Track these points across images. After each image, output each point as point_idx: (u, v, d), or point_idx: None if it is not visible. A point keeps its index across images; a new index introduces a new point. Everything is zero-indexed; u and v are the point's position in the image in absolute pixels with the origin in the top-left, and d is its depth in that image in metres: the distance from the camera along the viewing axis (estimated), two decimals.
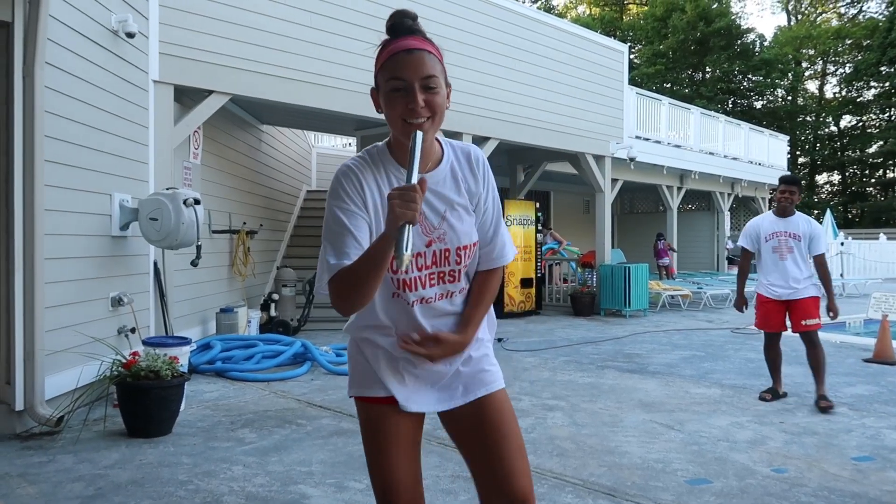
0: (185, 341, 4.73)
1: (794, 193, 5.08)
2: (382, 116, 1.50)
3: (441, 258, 1.58)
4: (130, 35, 5.22)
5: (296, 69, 6.91)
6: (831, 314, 5.03)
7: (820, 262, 5.13)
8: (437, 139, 1.59)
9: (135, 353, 4.26)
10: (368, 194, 1.52)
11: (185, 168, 6.69)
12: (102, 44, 4.96)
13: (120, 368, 4.12)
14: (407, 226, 1.25)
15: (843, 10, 37.89)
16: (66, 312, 4.47)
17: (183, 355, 4.58)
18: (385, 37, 1.50)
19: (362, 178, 1.53)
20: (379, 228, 1.50)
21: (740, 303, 5.48)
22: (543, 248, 12.46)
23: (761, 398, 5.14)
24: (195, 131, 6.81)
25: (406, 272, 1.55)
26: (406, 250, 1.23)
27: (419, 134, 1.36)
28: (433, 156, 1.58)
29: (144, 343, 4.60)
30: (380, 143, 1.60)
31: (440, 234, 1.57)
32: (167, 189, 5.27)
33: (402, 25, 1.49)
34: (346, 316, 1.58)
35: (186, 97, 6.44)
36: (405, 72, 1.42)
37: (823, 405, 4.81)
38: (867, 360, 6.73)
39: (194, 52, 6.15)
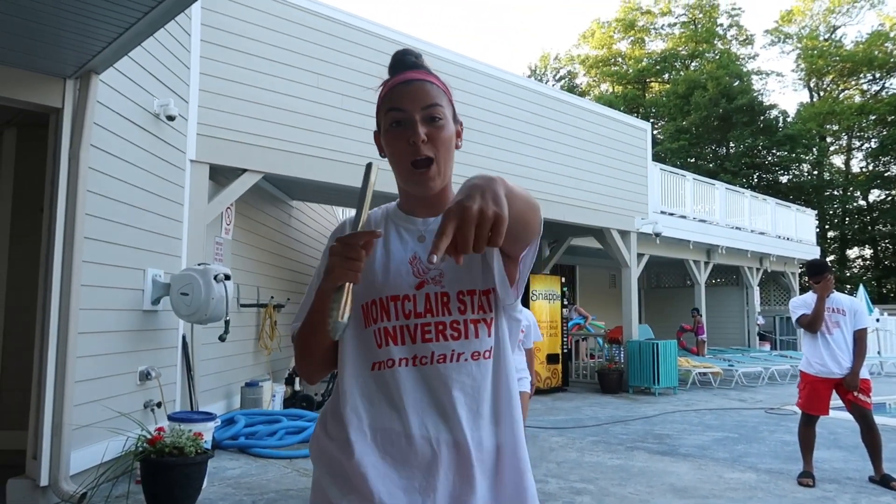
0: (210, 417, 4.73)
1: (829, 281, 5.08)
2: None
3: (437, 304, 1.25)
4: (171, 118, 5.47)
5: (325, 148, 7.15)
6: (850, 386, 4.92)
7: (860, 336, 5.06)
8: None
9: (160, 429, 4.27)
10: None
11: (216, 243, 6.85)
12: (144, 126, 5.21)
13: (145, 444, 4.12)
14: (346, 286, 1.09)
15: (865, 87, 38.25)
16: (95, 386, 4.51)
17: (207, 431, 4.57)
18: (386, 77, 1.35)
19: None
20: (369, 289, 1.28)
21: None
22: (570, 324, 12.35)
23: (803, 484, 4.95)
24: (227, 208, 7.01)
25: (389, 317, 1.24)
26: (342, 317, 1.07)
27: (374, 165, 1.19)
28: (444, 204, 1.31)
29: (170, 418, 4.61)
30: (391, 203, 1.41)
31: (436, 274, 1.26)
32: (199, 264, 5.39)
33: (403, 63, 1.33)
34: (312, 384, 1.42)
35: (221, 175, 6.67)
36: (404, 101, 1.25)
37: (895, 485, 4.83)
38: None
39: (229, 133, 6.41)
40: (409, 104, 1.24)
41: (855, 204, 36.65)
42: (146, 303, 5.18)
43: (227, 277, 5.24)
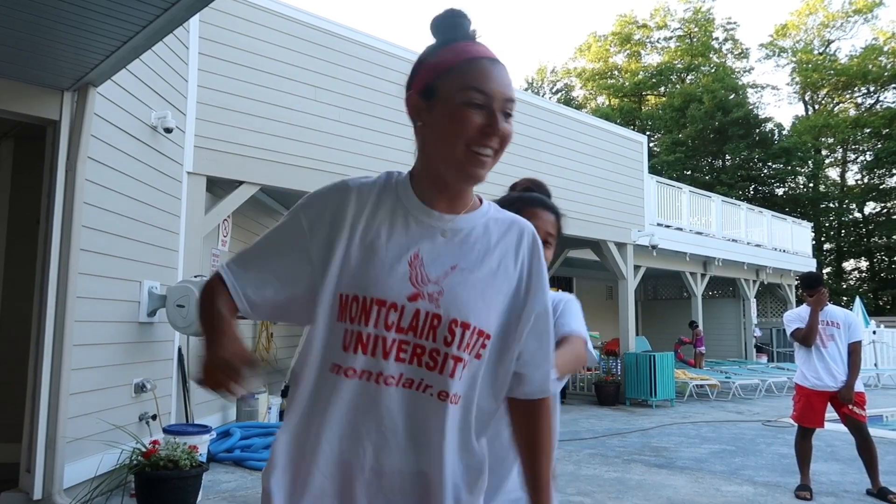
0: (205, 430, 4.71)
1: (822, 294, 5.09)
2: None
3: (424, 326, 1.10)
4: (168, 130, 5.49)
5: (323, 160, 7.17)
6: (845, 399, 4.91)
7: (854, 350, 5.06)
8: (477, 195, 1.24)
9: (155, 442, 4.25)
10: (352, 234, 1.14)
11: (213, 255, 6.85)
12: (141, 138, 5.22)
13: (139, 457, 4.10)
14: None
15: (860, 101, 38.51)
16: (90, 399, 4.49)
17: (202, 444, 4.56)
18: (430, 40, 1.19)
19: (360, 206, 1.15)
20: (353, 278, 1.11)
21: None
22: None
23: (801, 497, 4.94)
24: (224, 220, 7.02)
25: (367, 322, 1.10)
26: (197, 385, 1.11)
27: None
28: (467, 202, 1.20)
29: (165, 431, 4.59)
30: (400, 172, 1.22)
31: (435, 290, 1.11)
32: (195, 276, 5.39)
33: (462, 26, 1.15)
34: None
35: (218, 187, 6.68)
36: (490, 85, 1.10)
37: (893, 498, 4.82)
38: None
39: (227, 145, 6.42)
40: (494, 91, 1.10)
41: (850, 216, 36.79)
42: (142, 315, 5.17)
43: None
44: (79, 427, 4.29)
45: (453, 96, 1.10)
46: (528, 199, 1.75)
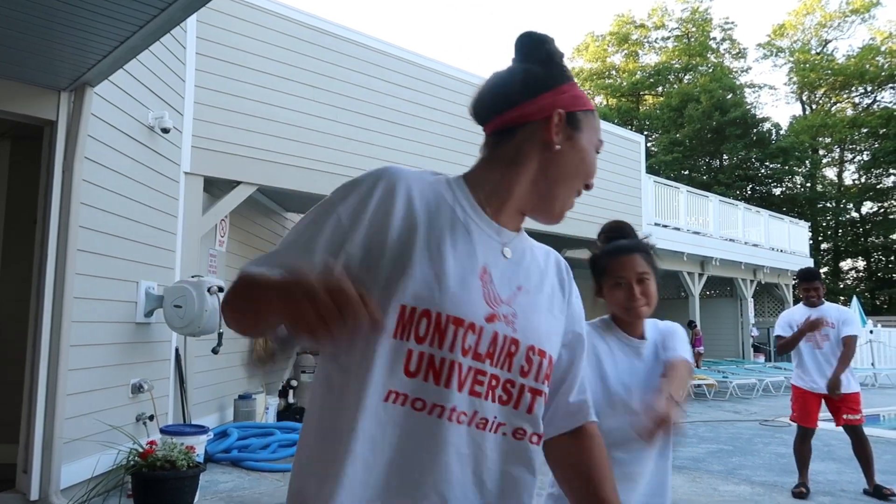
0: (202, 430, 4.71)
1: (817, 289, 5.09)
2: None
3: (502, 352, 0.97)
4: (166, 130, 5.48)
5: (320, 160, 7.16)
6: (831, 392, 4.91)
7: (847, 342, 5.00)
8: None
9: (152, 443, 4.25)
10: (411, 233, 0.96)
11: (210, 255, 6.85)
12: (139, 139, 5.21)
13: (136, 458, 4.09)
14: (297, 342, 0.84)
15: (857, 101, 38.59)
16: (87, 400, 4.49)
17: (200, 444, 4.55)
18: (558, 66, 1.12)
19: (415, 200, 0.99)
20: (422, 288, 0.93)
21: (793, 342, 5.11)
22: None
23: (797, 494, 4.95)
24: (222, 220, 7.01)
25: (441, 345, 0.92)
26: (265, 363, 0.90)
27: None
28: (520, 225, 1.13)
29: (162, 431, 4.58)
30: (453, 180, 1.07)
31: (509, 312, 0.99)
32: (192, 277, 5.39)
33: (562, 60, 1.13)
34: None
35: (215, 187, 6.67)
36: (599, 141, 1.14)
37: (887, 492, 4.84)
38: None
39: (224, 146, 6.42)
40: (599, 145, 1.14)
41: (848, 216, 36.87)
42: (139, 315, 5.17)
43: (221, 290, 5.23)
44: (76, 428, 4.28)
45: (591, 139, 1.10)
46: (611, 250, 1.91)
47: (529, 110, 1.06)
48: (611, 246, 1.89)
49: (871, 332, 17.26)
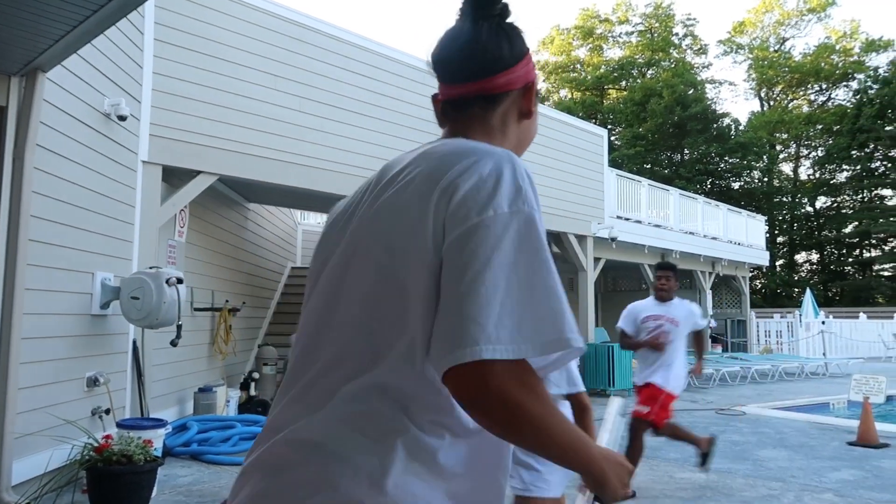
0: (160, 423, 4.64)
1: (669, 279, 5.03)
2: None
3: None
4: (122, 118, 5.35)
5: (283, 150, 7.07)
6: (694, 374, 5.15)
7: (698, 334, 5.12)
8: None
9: (108, 437, 4.17)
10: None
11: (169, 246, 6.72)
12: (94, 126, 5.08)
13: (91, 452, 4.01)
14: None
15: (813, 98, 39.61)
16: (40, 393, 4.38)
17: (158, 438, 4.48)
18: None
19: None
20: None
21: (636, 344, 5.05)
22: None
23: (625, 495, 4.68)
24: (181, 210, 6.88)
25: None
26: None
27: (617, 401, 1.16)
28: None
29: (119, 425, 4.50)
30: None
31: None
32: (150, 268, 5.28)
33: None
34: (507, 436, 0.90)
35: (174, 177, 6.54)
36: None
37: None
38: (851, 444, 6.69)
39: (184, 134, 6.29)
40: None
41: (803, 210, 37.91)
42: (94, 307, 5.05)
43: (180, 281, 5.14)
44: (28, 422, 4.18)
45: (534, 108, 1.15)
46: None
47: (516, 76, 1.08)
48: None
49: (824, 322, 17.80)
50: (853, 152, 34.55)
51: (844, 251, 37.63)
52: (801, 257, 39.30)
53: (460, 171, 0.91)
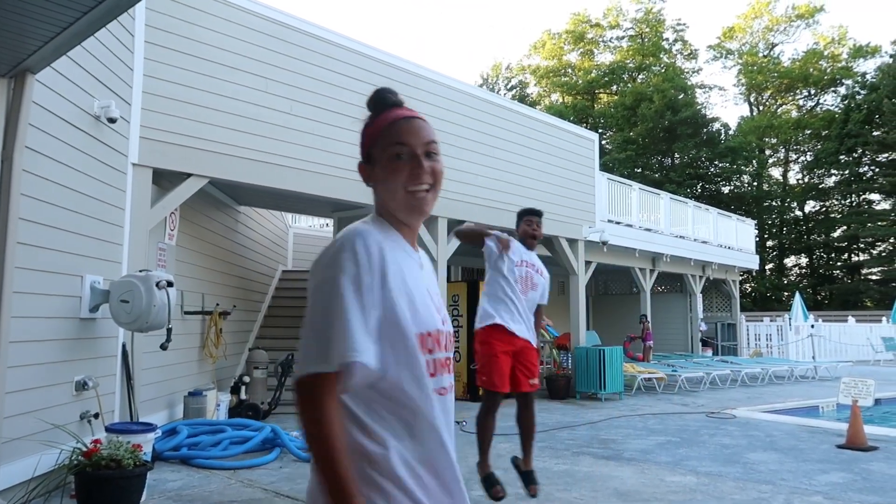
0: (149, 428, 4.61)
1: (540, 225, 4.66)
2: (360, 199, 1.46)
3: (447, 342, 1.42)
4: (112, 120, 5.32)
5: (274, 153, 7.06)
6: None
7: (539, 312, 4.69)
8: None
9: (96, 441, 4.13)
10: (393, 269, 1.29)
11: (159, 249, 6.69)
12: (83, 128, 5.05)
13: (80, 457, 3.98)
14: None
15: (801, 103, 39.92)
16: (28, 397, 4.34)
17: (147, 442, 4.45)
18: (367, 114, 1.45)
19: (384, 245, 1.30)
20: (394, 315, 1.28)
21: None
22: None
23: (495, 497, 4.28)
24: (171, 213, 6.85)
25: (438, 350, 1.35)
26: None
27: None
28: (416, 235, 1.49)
29: (108, 430, 4.47)
30: (365, 220, 1.40)
31: (442, 314, 1.42)
32: (140, 271, 5.25)
33: (387, 100, 1.44)
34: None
35: (164, 180, 6.51)
36: (409, 137, 1.36)
37: (534, 491, 4.43)
38: (840, 447, 6.72)
39: (174, 137, 6.26)
40: (414, 140, 1.37)
41: (792, 214, 38.18)
42: (83, 310, 5.01)
43: (170, 284, 5.11)
44: (15, 427, 4.14)
45: (384, 155, 1.37)
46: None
47: (359, 170, 1.47)
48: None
49: (813, 326, 17.92)
50: (841, 157, 34.85)
51: (833, 255, 37.91)
52: (790, 261, 39.57)
53: None
